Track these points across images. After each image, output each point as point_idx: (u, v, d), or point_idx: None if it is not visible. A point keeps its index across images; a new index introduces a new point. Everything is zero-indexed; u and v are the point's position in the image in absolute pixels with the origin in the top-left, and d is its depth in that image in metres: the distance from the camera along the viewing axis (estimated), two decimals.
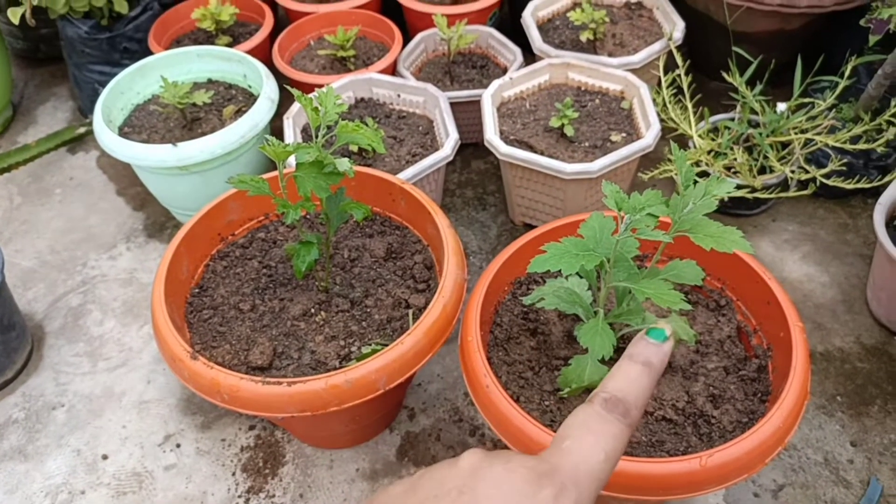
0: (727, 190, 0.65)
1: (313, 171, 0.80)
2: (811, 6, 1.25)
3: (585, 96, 1.28)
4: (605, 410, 0.47)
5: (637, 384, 0.50)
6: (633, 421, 0.48)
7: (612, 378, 0.50)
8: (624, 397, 0.48)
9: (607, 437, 0.46)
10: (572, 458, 0.44)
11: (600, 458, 0.44)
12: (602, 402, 0.48)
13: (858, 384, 1.05)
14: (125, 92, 1.29)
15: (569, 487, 0.42)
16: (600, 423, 0.46)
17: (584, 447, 0.44)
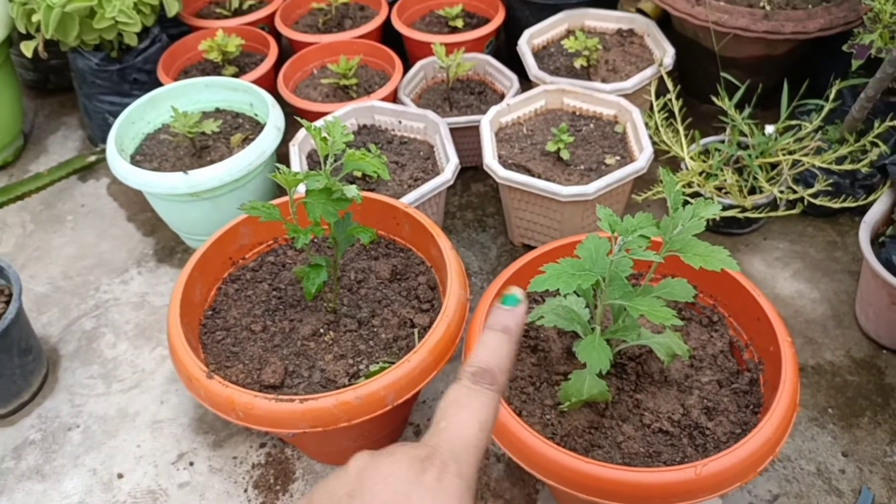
0: (714, 212, 0.69)
1: (322, 197, 0.85)
2: (795, 32, 1.30)
3: (580, 121, 1.32)
4: (472, 383, 0.49)
5: (499, 351, 0.52)
6: (500, 387, 0.50)
7: (475, 351, 0.52)
8: (488, 366, 0.50)
9: (479, 408, 0.48)
10: (449, 436, 0.46)
11: (475, 428, 0.47)
12: (469, 376, 0.50)
13: (849, 396, 1.09)
14: (136, 122, 1.34)
15: (449, 464, 0.45)
16: (470, 397, 0.48)
17: (459, 423, 0.47)
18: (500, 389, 0.50)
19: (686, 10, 1.37)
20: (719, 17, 1.34)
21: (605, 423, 0.84)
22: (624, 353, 0.89)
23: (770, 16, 1.32)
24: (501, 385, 0.51)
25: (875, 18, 1.20)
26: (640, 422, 0.84)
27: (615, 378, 0.87)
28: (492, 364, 0.51)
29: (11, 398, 1.13)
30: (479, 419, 0.48)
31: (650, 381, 0.88)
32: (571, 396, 0.81)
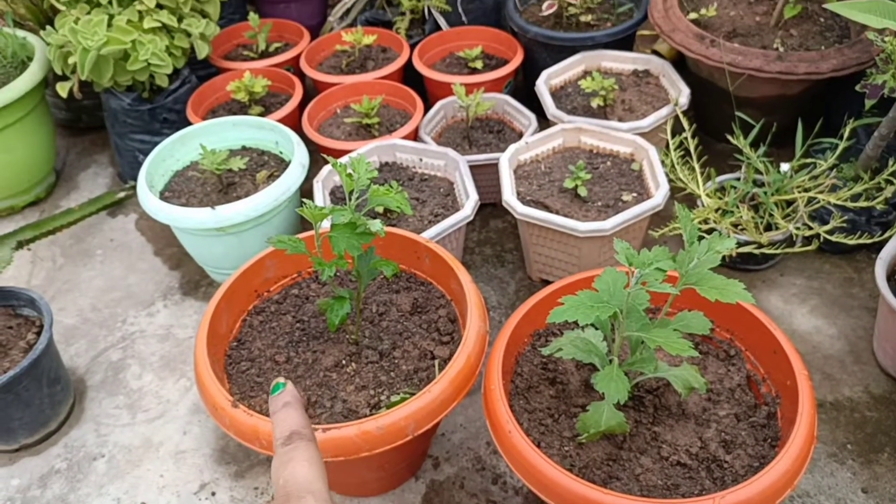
0: (729, 246, 0.71)
1: (347, 231, 0.87)
2: (809, 73, 1.33)
3: (597, 159, 1.35)
4: (286, 445, 0.59)
5: (290, 417, 0.63)
6: (308, 436, 0.60)
7: (275, 431, 0.62)
8: (290, 430, 0.60)
9: (301, 454, 0.57)
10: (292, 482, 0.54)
11: (306, 467, 0.56)
12: (281, 445, 0.59)
13: (868, 433, 1.09)
14: (166, 159, 1.38)
15: (304, 495, 0.53)
16: (289, 454, 0.57)
17: (293, 471, 0.55)
18: (309, 438, 0.60)
19: (701, 51, 1.41)
20: (733, 59, 1.37)
21: (624, 456, 0.85)
22: (642, 385, 0.90)
23: (783, 57, 1.35)
24: (308, 435, 0.60)
25: (887, 59, 1.22)
26: (658, 454, 0.85)
27: (633, 411, 0.88)
28: (292, 426, 0.61)
29: (39, 427, 1.16)
30: (306, 460, 0.56)
31: (668, 414, 0.88)
32: (590, 428, 0.82)
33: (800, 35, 1.46)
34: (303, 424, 0.62)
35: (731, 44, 1.40)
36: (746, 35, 1.49)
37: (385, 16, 1.82)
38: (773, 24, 1.49)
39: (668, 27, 1.48)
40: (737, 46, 1.39)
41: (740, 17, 1.53)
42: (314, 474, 0.55)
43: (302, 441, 0.59)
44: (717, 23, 1.53)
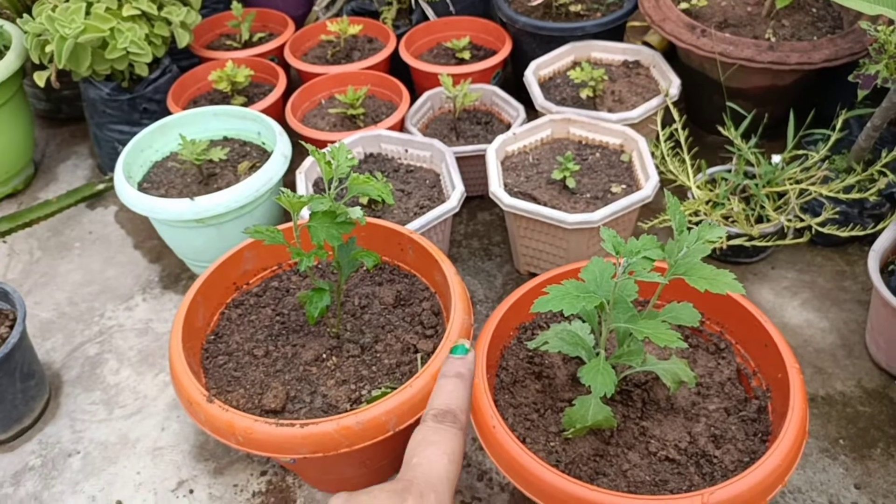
0: (718, 235, 0.68)
1: (326, 220, 0.84)
2: (801, 63, 1.30)
3: (586, 150, 1.33)
4: (436, 423, 0.54)
5: (456, 393, 0.57)
6: (463, 424, 0.56)
7: (434, 397, 0.57)
8: (448, 407, 0.56)
9: (446, 444, 0.53)
10: (423, 470, 0.50)
11: (445, 461, 0.52)
12: (433, 417, 0.55)
13: (861, 427, 1.07)
14: (145, 150, 1.35)
15: (427, 493, 0.48)
16: (436, 434, 0.53)
17: (430, 458, 0.51)
18: (462, 427, 0.56)
19: (691, 41, 1.38)
20: (724, 49, 1.35)
21: (611, 451, 0.83)
22: (630, 379, 0.88)
23: (775, 47, 1.33)
24: (463, 423, 0.56)
25: (880, 49, 1.20)
26: (646, 449, 0.82)
27: (621, 405, 0.86)
28: (452, 405, 0.56)
29: (13, 423, 1.12)
30: (447, 453, 0.52)
31: (656, 409, 0.86)
32: (576, 423, 0.79)
33: (792, 25, 1.44)
34: (463, 408, 0.57)
35: (722, 34, 1.37)
36: (738, 25, 1.47)
37: (371, 5, 1.79)
38: (764, 14, 1.47)
39: (659, 17, 1.46)
40: (728, 36, 1.36)
41: (731, 7, 1.51)
42: (448, 473, 0.52)
43: (454, 428, 0.55)
44: (708, 12, 1.51)
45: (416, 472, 0.50)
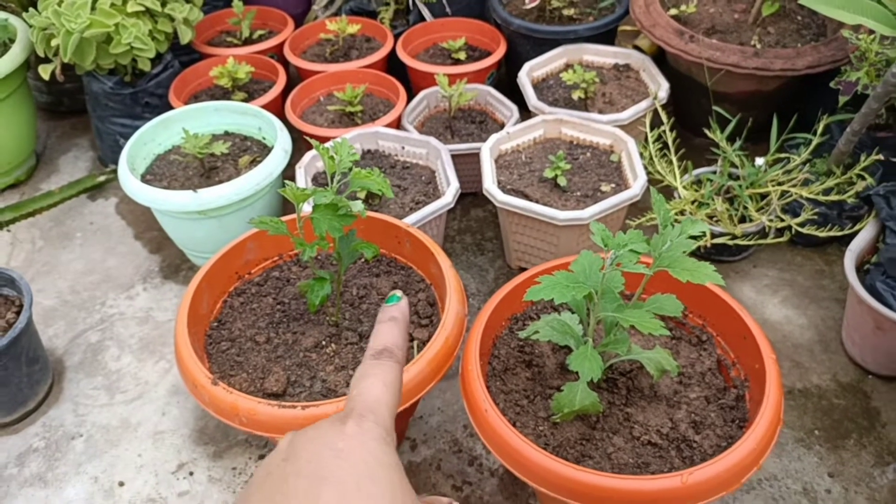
0: (701, 229, 0.73)
1: (329, 212, 0.88)
2: (785, 69, 1.35)
3: (577, 150, 1.37)
4: (374, 359, 0.58)
5: (391, 333, 0.62)
6: (398, 359, 0.59)
7: (372, 340, 0.61)
8: (385, 346, 0.60)
9: (382, 374, 0.56)
10: (362, 397, 0.54)
11: (381, 387, 0.55)
12: (371, 356, 0.59)
13: (835, 419, 1.12)
14: (148, 143, 1.38)
15: (366, 414, 0.52)
16: (374, 368, 0.57)
17: (367, 386, 0.55)
18: (398, 361, 0.59)
19: (680, 46, 1.43)
20: (712, 54, 1.39)
21: (597, 436, 0.87)
22: (615, 368, 0.92)
23: (760, 53, 1.38)
24: (399, 357, 0.60)
25: (861, 57, 1.26)
26: (630, 434, 0.87)
27: (606, 392, 0.91)
28: (388, 343, 0.60)
29: (17, 406, 1.16)
30: (383, 381, 0.56)
31: (640, 396, 0.91)
32: (564, 407, 0.84)
33: (777, 33, 1.49)
34: (398, 344, 0.61)
35: (709, 40, 1.42)
36: (725, 32, 1.51)
37: (369, 6, 1.83)
38: (751, 22, 1.52)
39: (649, 22, 1.50)
40: (715, 42, 1.41)
41: (719, 14, 1.56)
42: (385, 397, 0.54)
43: (389, 360, 0.58)
44: (696, 19, 1.56)
45: (356, 401, 0.53)
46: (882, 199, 1.16)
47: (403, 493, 0.48)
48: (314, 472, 0.46)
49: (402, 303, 0.66)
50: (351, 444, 0.49)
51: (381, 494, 0.46)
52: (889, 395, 1.14)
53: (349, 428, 0.50)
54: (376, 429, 0.51)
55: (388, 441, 0.51)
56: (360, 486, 0.46)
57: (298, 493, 0.45)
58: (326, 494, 0.44)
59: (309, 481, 0.45)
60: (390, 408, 0.54)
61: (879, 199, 1.16)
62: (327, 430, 0.50)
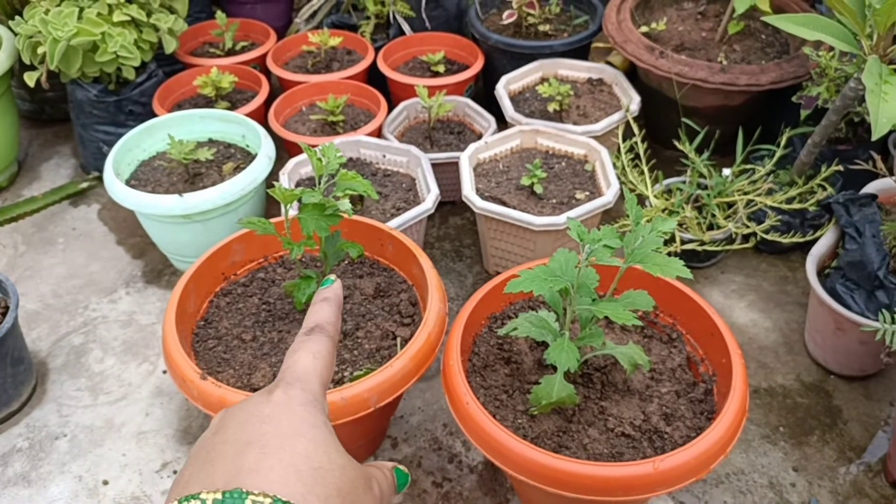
0: (670, 227, 0.77)
1: (316, 212, 0.92)
2: (749, 85, 1.42)
3: (553, 159, 1.42)
4: (305, 336, 0.58)
5: (322, 312, 0.62)
6: (329, 333, 0.59)
7: (305, 320, 0.61)
8: (316, 323, 0.60)
9: (312, 346, 0.57)
10: (291, 369, 0.54)
11: (310, 358, 0.55)
12: (303, 333, 0.59)
13: (799, 417, 1.17)
14: (133, 149, 1.40)
15: (293, 383, 0.52)
16: (304, 343, 0.57)
17: (296, 359, 0.55)
18: (329, 335, 0.59)
19: (651, 61, 1.49)
20: (680, 70, 1.46)
21: (573, 428, 0.91)
22: (590, 363, 0.96)
23: (726, 69, 1.44)
24: (330, 332, 0.60)
25: (822, 73, 1.32)
26: (605, 426, 0.91)
27: (582, 387, 0.94)
28: (319, 320, 0.60)
29: (1, 407, 1.17)
30: (312, 352, 0.56)
31: (614, 390, 0.95)
32: (542, 400, 0.87)
33: (742, 50, 1.56)
34: (329, 320, 0.61)
35: (678, 56, 1.48)
36: (693, 49, 1.58)
37: (351, 20, 1.87)
38: (717, 40, 1.59)
39: (621, 38, 1.56)
40: (684, 58, 1.47)
41: (688, 32, 1.63)
42: (314, 366, 0.55)
43: (320, 335, 0.58)
44: (666, 36, 1.62)
45: (285, 372, 0.54)
46: (841, 206, 1.21)
47: (328, 450, 0.48)
48: (239, 438, 0.47)
49: (335, 285, 0.67)
50: (277, 410, 0.49)
51: (306, 451, 0.47)
52: (850, 394, 1.20)
53: (276, 396, 0.51)
54: (303, 394, 0.51)
55: (315, 405, 0.51)
56: (284, 446, 0.46)
57: (225, 458, 0.46)
58: (251, 456, 0.45)
59: (234, 447, 0.46)
60: (319, 376, 0.55)
61: (839, 207, 1.22)
62: (254, 400, 0.51)
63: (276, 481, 0.44)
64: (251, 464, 0.45)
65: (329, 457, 0.47)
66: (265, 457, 0.45)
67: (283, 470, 0.45)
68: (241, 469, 0.44)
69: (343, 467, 0.48)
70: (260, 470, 0.44)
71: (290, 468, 0.45)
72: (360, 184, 0.93)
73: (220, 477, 0.44)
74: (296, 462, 0.46)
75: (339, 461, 0.48)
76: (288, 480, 0.44)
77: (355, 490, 0.48)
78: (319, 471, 0.46)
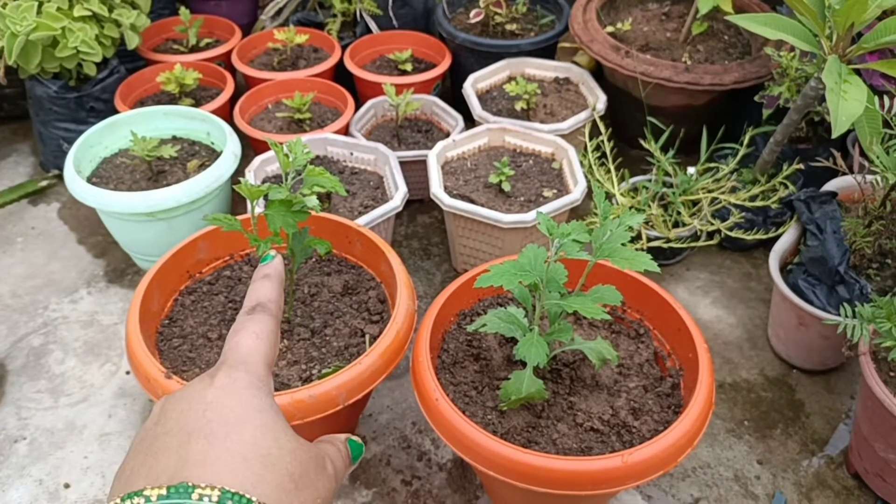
0: (638, 221, 0.78)
1: (283, 208, 0.90)
2: (713, 84, 1.44)
3: (520, 157, 1.42)
4: (247, 315, 0.56)
5: (263, 290, 0.60)
6: (271, 312, 0.57)
7: (246, 299, 0.60)
8: (257, 301, 0.58)
9: (253, 325, 0.55)
10: (232, 351, 0.52)
11: (252, 338, 0.53)
12: (244, 312, 0.57)
13: (763, 410, 1.19)
14: (94, 146, 1.38)
15: (236, 366, 0.51)
16: (245, 323, 0.55)
17: (238, 340, 0.53)
18: (271, 314, 0.57)
19: (616, 61, 1.50)
20: (645, 69, 1.47)
21: (542, 423, 0.91)
22: (559, 359, 0.97)
23: (690, 69, 1.46)
24: (272, 311, 0.57)
25: (783, 73, 1.35)
26: (574, 421, 0.91)
27: (551, 382, 0.95)
28: (260, 299, 0.58)
29: None
30: (254, 332, 0.54)
31: (583, 386, 0.95)
32: (511, 395, 0.87)
33: (706, 50, 1.58)
34: (271, 298, 0.58)
35: (643, 55, 1.50)
36: (658, 49, 1.60)
37: (317, 17, 1.86)
38: (681, 40, 1.61)
39: (587, 38, 1.57)
40: (649, 58, 1.49)
41: (653, 33, 1.65)
42: (257, 347, 0.52)
43: (262, 314, 0.56)
44: (631, 36, 1.64)
45: (227, 355, 0.52)
46: (803, 204, 1.24)
47: (277, 434, 0.47)
48: (182, 429, 0.45)
49: (276, 261, 0.64)
50: (219, 396, 0.48)
51: (253, 438, 0.45)
52: (812, 388, 1.22)
53: (219, 380, 0.49)
54: (247, 377, 0.50)
55: (260, 388, 0.50)
56: (230, 434, 0.45)
57: (169, 450, 0.44)
58: (195, 447, 0.44)
59: (178, 438, 0.44)
60: (263, 356, 0.53)
61: (800, 205, 1.24)
62: (196, 386, 0.49)
63: (223, 472, 0.42)
64: (196, 455, 0.43)
65: (278, 442, 0.46)
66: (211, 447, 0.44)
67: (230, 459, 0.43)
68: (186, 461, 0.43)
69: (293, 451, 0.47)
70: (206, 461, 0.43)
71: (237, 457, 0.44)
72: (327, 180, 0.92)
73: (164, 470, 0.42)
74: (243, 450, 0.44)
75: (288, 445, 0.47)
76: (236, 470, 0.43)
77: (308, 473, 0.47)
78: (269, 457, 0.45)
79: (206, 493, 0.40)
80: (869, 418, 1.00)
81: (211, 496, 0.40)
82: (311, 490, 0.47)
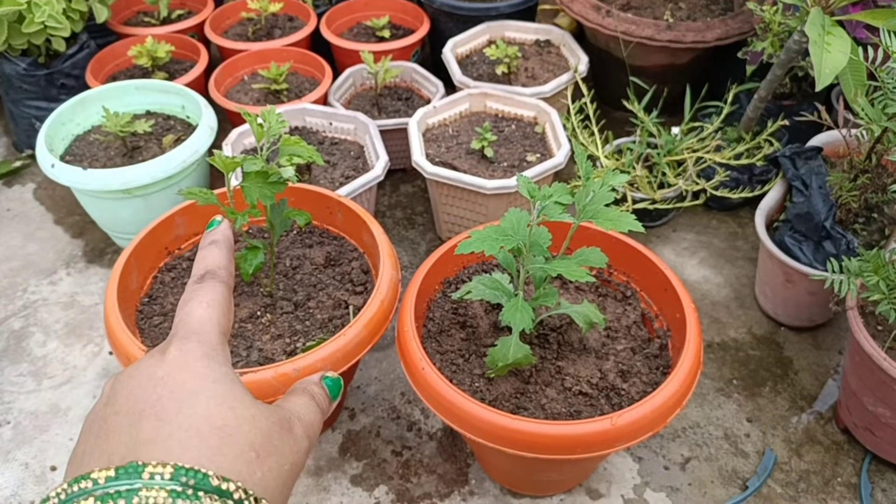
0: (622, 181, 0.77)
1: (259, 180, 0.88)
2: (696, 42, 1.42)
3: (502, 122, 1.40)
4: (197, 283, 0.54)
5: (211, 256, 0.57)
6: (222, 278, 0.55)
7: (194, 266, 0.57)
8: (207, 269, 0.56)
9: (204, 294, 0.53)
10: (184, 321, 0.50)
11: (204, 307, 0.51)
12: (193, 281, 0.55)
13: (751, 369, 1.19)
14: (66, 123, 1.34)
15: (188, 336, 0.49)
16: (196, 292, 0.53)
17: (189, 310, 0.51)
18: (222, 280, 0.55)
19: (597, 21, 1.48)
20: (627, 28, 1.45)
21: (530, 389, 0.90)
22: (546, 324, 0.96)
23: (672, 27, 1.44)
24: (223, 277, 0.55)
25: (766, 28, 1.33)
26: (562, 386, 0.90)
27: (538, 348, 0.94)
28: (210, 266, 0.56)
29: None
30: (206, 301, 0.52)
31: (570, 350, 0.94)
32: (498, 362, 0.86)
33: (688, 7, 1.56)
34: (220, 265, 0.56)
35: (625, 14, 1.47)
36: (639, 7, 1.57)
37: None
38: None
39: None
40: (630, 17, 1.46)
41: None
42: (209, 316, 0.50)
43: (212, 281, 0.54)
44: None
45: (178, 326, 0.50)
46: (788, 160, 1.23)
47: (233, 404, 0.45)
48: (133, 407, 0.43)
49: (223, 226, 0.62)
50: (172, 369, 0.46)
51: (207, 410, 0.44)
52: (800, 345, 1.22)
53: (170, 354, 0.47)
54: (199, 348, 0.48)
55: (214, 357, 0.48)
56: (182, 409, 0.43)
57: (120, 430, 0.42)
58: (146, 425, 0.42)
59: (128, 417, 0.43)
60: (217, 324, 0.51)
61: (786, 161, 1.23)
62: (146, 362, 0.47)
63: (176, 448, 0.41)
64: (147, 433, 0.41)
65: (235, 412, 0.44)
66: (162, 423, 0.42)
67: (183, 435, 0.42)
68: (138, 440, 0.41)
69: (252, 418, 0.45)
70: (157, 439, 0.41)
71: (190, 431, 0.42)
72: (304, 149, 0.90)
73: (115, 451, 0.41)
74: (197, 424, 0.43)
75: (246, 413, 0.45)
76: (190, 445, 0.41)
77: (270, 440, 0.45)
78: (225, 428, 0.43)
79: (157, 472, 0.39)
80: (857, 373, 1.00)
81: (163, 474, 0.39)
82: (276, 457, 0.45)
